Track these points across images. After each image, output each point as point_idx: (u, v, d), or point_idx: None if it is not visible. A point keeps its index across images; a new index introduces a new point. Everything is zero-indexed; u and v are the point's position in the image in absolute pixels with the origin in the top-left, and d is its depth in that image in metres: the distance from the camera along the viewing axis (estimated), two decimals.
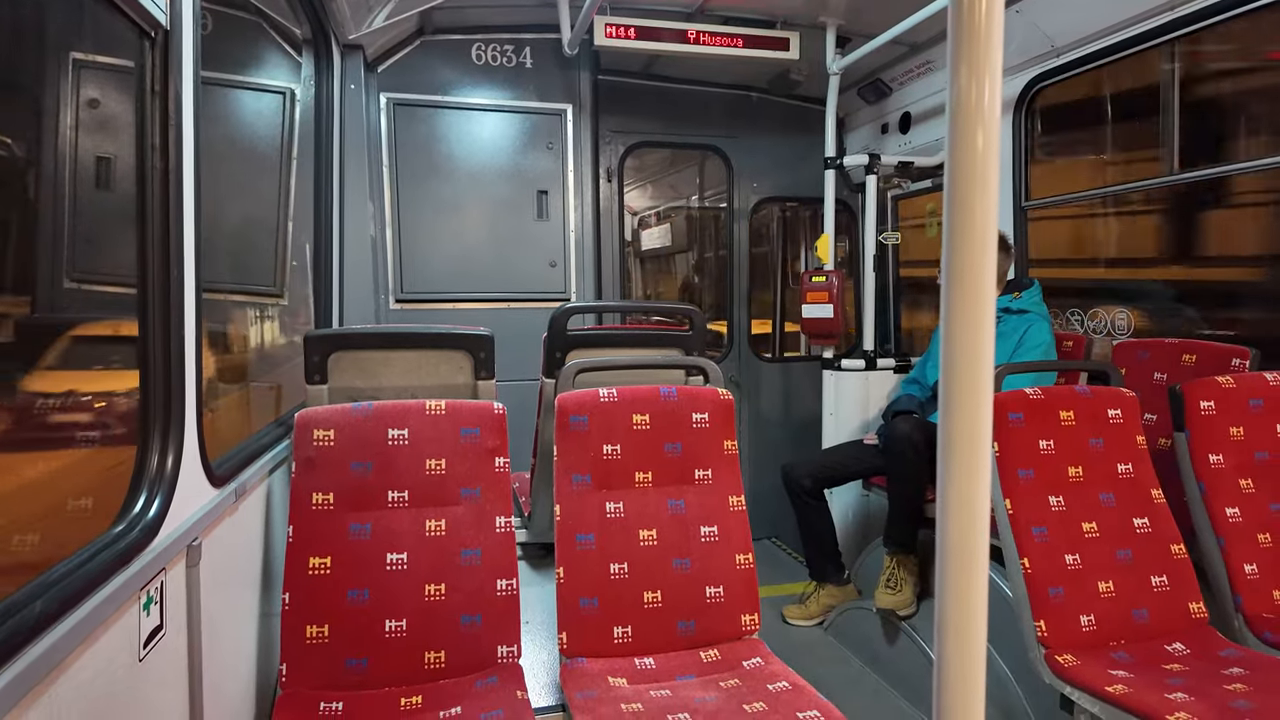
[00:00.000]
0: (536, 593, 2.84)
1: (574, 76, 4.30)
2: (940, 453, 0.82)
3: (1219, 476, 2.41)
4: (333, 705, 1.88)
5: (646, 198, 6.22)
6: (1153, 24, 2.91)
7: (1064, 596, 2.24)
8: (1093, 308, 3.50)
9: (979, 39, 0.76)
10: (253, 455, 2.08)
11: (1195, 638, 2.24)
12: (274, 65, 3.08)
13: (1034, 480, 2.36)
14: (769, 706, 1.85)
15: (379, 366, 2.45)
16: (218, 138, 2.50)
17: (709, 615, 2.23)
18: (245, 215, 2.75)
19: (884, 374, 4.05)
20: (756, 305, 5.08)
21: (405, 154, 4.06)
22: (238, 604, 1.93)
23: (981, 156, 0.78)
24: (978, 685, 0.83)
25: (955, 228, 0.80)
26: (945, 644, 0.85)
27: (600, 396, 2.32)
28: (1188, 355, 2.84)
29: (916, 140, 4.29)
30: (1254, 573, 2.31)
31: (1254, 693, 1.88)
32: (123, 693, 1.29)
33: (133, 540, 1.33)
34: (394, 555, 2.06)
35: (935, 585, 0.83)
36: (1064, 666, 2.10)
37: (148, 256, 1.48)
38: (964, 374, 0.80)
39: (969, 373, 0.80)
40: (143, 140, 1.47)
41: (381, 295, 4.03)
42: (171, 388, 1.51)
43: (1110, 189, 3.68)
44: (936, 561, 0.82)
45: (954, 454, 0.80)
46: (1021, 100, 3.55)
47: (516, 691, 1.92)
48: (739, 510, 2.33)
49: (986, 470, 0.80)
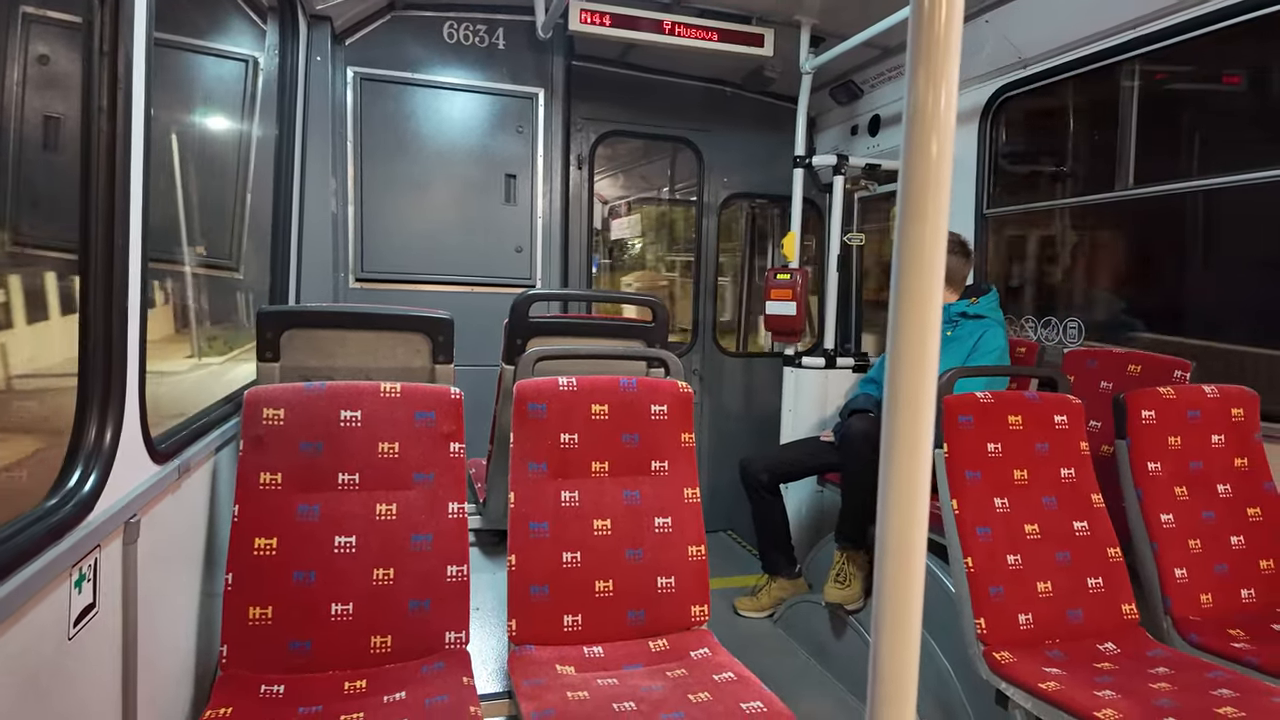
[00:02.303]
0: (488, 579, 2.83)
1: (547, 60, 4.25)
2: (883, 451, 0.83)
3: (1156, 484, 2.50)
4: (274, 688, 1.85)
5: (618, 187, 6.20)
6: (1116, 41, 2.98)
7: (1004, 595, 2.30)
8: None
9: (938, 48, 0.77)
10: (198, 432, 2.03)
11: (1126, 638, 2.32)
12: (236, 31, 2.99)
13: (981, 482, 2.41)
14: (713, 696, 1.87)
15: (334, 346, 2.41)
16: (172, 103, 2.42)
17: (659, 606, 2.25)
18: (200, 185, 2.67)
19: (843, 373, 4.10)
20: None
21: (371, 130, 3.98)
22: (178, 583, 1.89)
23: (935, 163, 0.79)
24: (910, 678, 0.85)
25: (906, 232, 0.81)
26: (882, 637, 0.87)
27: (560, 385, 2.31)
28: (1133, 365, 2.93)
29: (885, 143, 4.34)
30: (1183, 577, 2.41)
31: (1177, 692, 1.96)
32: (50, 671, 1.25)
33: (65, 515, 1.29)
34: (342, 538, 2.02)
35: (874, 580, 0.85)
36: (1000, 663, 2.16)
37: (91, 221, 1.42)
38: (909, 375, 0.81)
39: (914, 374, 0.81)
40: (89, 102, 1.42)
41: (341, 273, 3.95)
42: (113, 358, 1.46)
43: (1069, 201, 3.78)
44: (876, 557, 0.84)
45: (896, 452, 0.82)
46: (988, 109, 3.62)
47: (463, 678, 1.91)
48: (693, 502, 2.35)
49: (926, 470, 0.82)
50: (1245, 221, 3.09)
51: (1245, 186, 2.71)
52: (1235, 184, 2.76)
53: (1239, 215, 3.11)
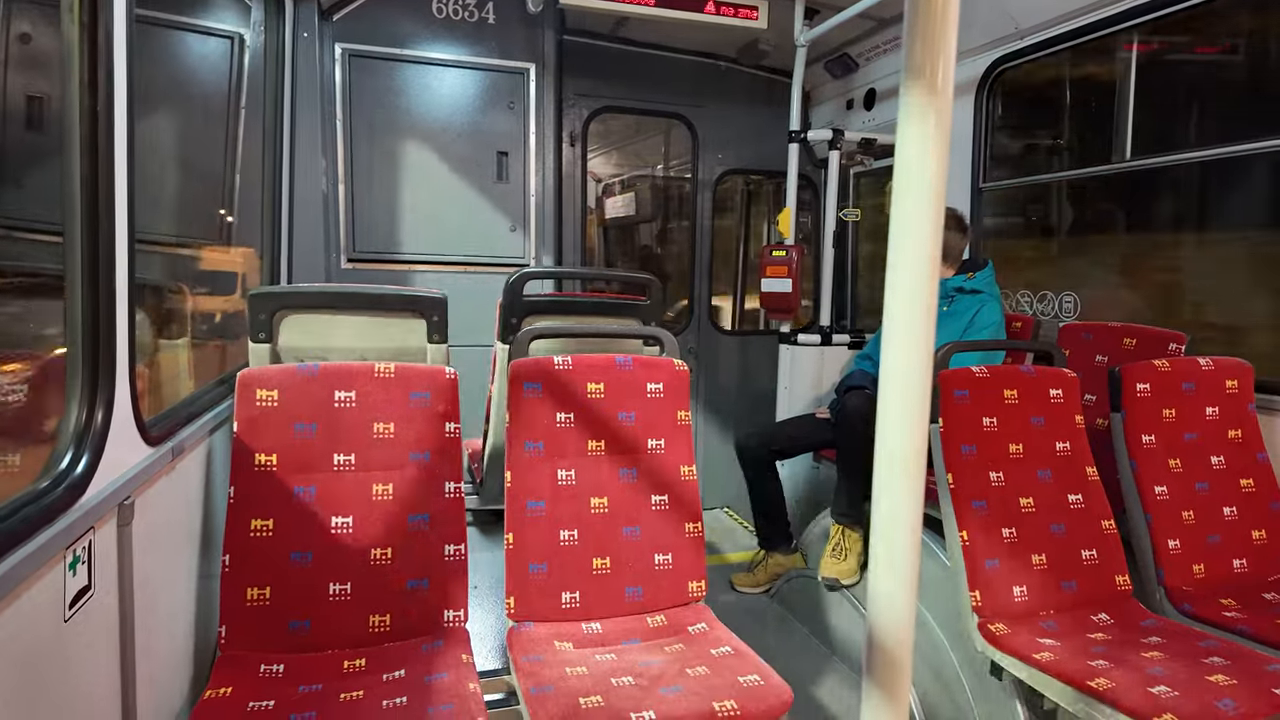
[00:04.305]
0: (486, 558, 2.84)
1: (538, 35, 4.19)
2: (879, 425, 0.83)
3: (1150, 456, 2.51)
4: (273, 667, 1.85)
5: (611, 164, 6.14)
6: (1113, 10, 2.94)
7: (999, 568, 2.31)
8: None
9: (935, 19, 0.75)
10: (192, 414, 2.02)
11: (1119, 609, 2.34)
12: (221, 7, 2.93)
13: (976, 456, 2.42)
14: (711, 670, 1.89)
15: (327, 327, 2.39)
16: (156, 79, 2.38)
17: (657, 582, 2.26)
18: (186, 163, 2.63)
19: (839, 349, 4.10)
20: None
21: (360, 108, 3.93)
22: (174, 565, 1.88)
23: (934, 135, 0.77)
24: (905, 651, 0.86)
25: (903, 206, 0.80)
26: (877, 610, 0.88)
27: (555, 364, 2.30)
28: (1128, 339, 2.93)
29: (880, 117, 4.30)
30: (1176, 548, 2.42)
31: (1168, 660, 1.99)
32: (46, 653, 1.25)
33: (57, 498, 1.28)
34: (339, 518, 2.02)
35: (869, 554, 0.85)
36: (995, 635, 2.18)
37: (75, 199, 1.40)
38: (905, 350, 0.81)
39: (910, 349, 0.80)
40: (69, 76, 1.38)
41: (333, 254, 3.92)
42: (101, 340, 1.45)
43: (1066, 174, 3.76)
44: (871, 532, 0.84)
45: (891, 427, 0.81)
46: (984, 81, 3.58)
47: (462, 655, 1.92)
48: (690, 480, 2.35)
49: (922, 444, 0.81)
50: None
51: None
52: (1234, 154, 2.74)
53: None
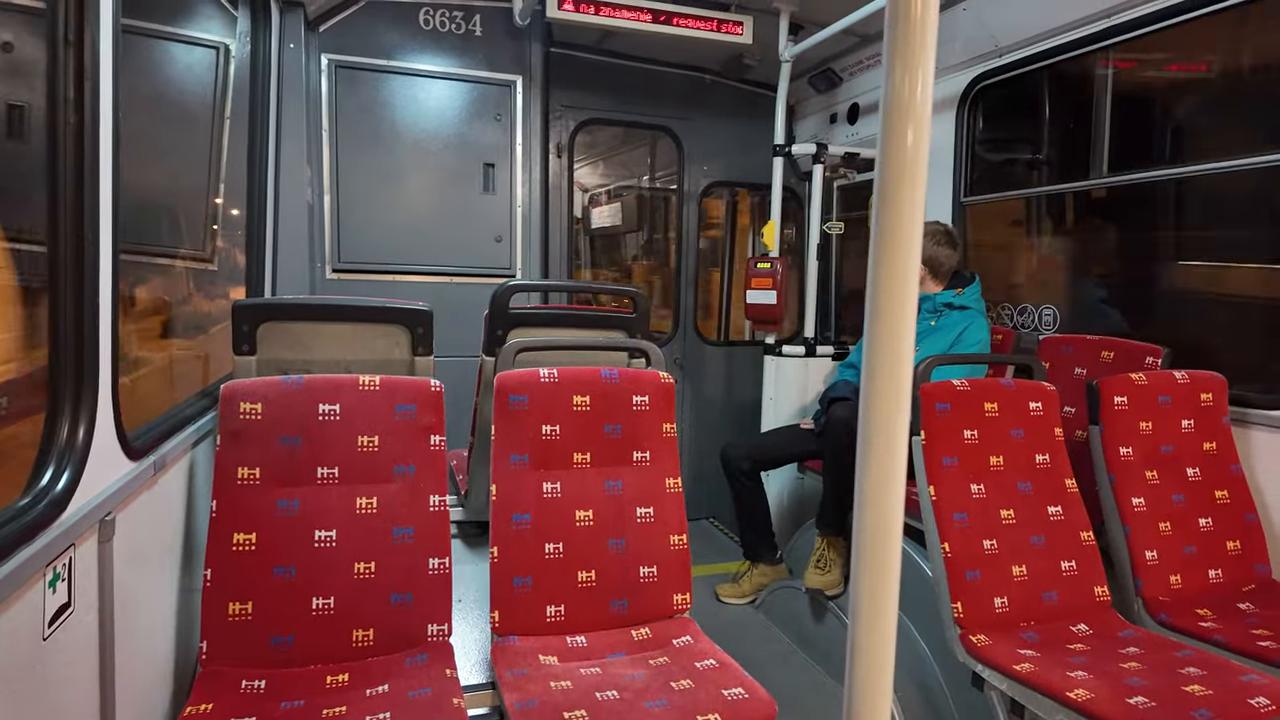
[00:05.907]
0: (471, 571, 2.83)
1: (524, 47, 4.21)
2: (860, 437, 0.84)
3: (1128, 468, 2.55)
4: (255, 683, 1.83)
5: (598, 175, 6.16)
6: (1091, 30, 3.01)
7: (980, 579, 2.34)
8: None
9: (915, 36, 0.77)
10: (174, 427, 2.00)
11: (1098, 619, 2.37)
12: (206, 17, 2.93)
13: (957, 468, 2.45)
14: (695, 684, 1.89)
15: (311, 339, 2.38)
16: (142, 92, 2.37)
17: (642, 594, 2.26)
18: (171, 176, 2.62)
19: (823, 360, 4.13)
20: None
21: (346, 118, 3.93)
22: (156, 581, 1.86)
23: (911, 151, 0.79)
24: (887, 661, 0.87)
25: (884, 221, 0.81)
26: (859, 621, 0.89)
27: (541, 376, 2.30)
28: (1107, 352, 2.98)
29: (864, 132, 4.36)
30: (1154, 559, 2.46)
31: (1147, 671, 2.01)
32: (25, 672, 1.23)
33: (38, 515, 1.27)
34: (323, 532, 2.01)
35: (851, 565, 0.86)
36: (977, 646, 2.20)
37: (59, 213, 1.39)
38: (886, 362, 0.82)
39: (891, 361, 0.82)
40: (54, 93, 1.38)
41: (318, 264, 3.90)
42: (84, 354, 1.44)
43: (1046, 189, 3.82)
44: (853, 543, 0.85)
45: (873, 438, 0.83)
46: (965, 97, 3.64)
47: (446, 669, 1.91)
48: (675, 492, 2.36)
49: (902, 456, 0.82)
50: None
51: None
52: (1208, 172, 2.81)
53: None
